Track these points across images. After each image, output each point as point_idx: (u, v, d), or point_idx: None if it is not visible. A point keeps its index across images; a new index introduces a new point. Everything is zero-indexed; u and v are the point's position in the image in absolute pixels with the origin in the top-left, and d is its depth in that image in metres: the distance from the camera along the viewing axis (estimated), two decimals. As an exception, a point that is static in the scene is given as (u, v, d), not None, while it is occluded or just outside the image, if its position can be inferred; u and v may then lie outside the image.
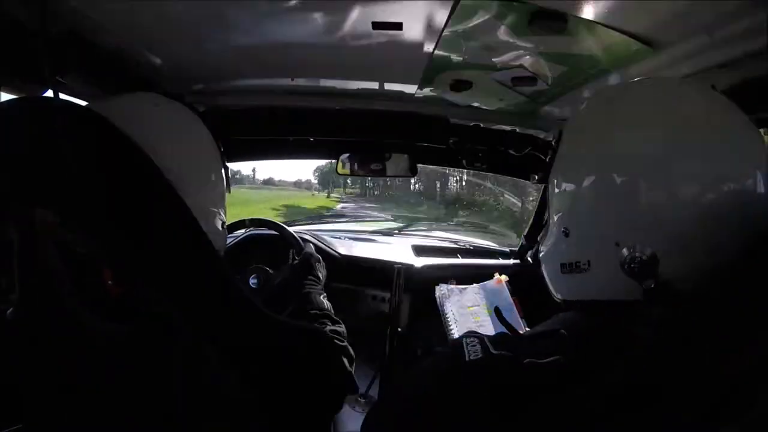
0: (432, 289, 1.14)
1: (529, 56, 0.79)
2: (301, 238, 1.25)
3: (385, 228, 1.77)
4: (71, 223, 0.47)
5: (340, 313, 0.82)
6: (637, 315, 0.45)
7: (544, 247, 0.57)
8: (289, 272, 1.14)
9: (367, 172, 1.34)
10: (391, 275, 1.30)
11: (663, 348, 0.39)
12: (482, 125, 1.21)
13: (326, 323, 0.76)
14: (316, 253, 1.04)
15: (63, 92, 0.77)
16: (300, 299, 0.85)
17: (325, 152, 1.40)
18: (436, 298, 1.15)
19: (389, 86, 1.04)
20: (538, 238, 0.61)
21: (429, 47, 0.77)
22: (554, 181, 0.54)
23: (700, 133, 0.44)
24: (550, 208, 0.55)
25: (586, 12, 0.62)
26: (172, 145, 0.56)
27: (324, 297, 0.87)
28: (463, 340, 0.49)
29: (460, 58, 0.82)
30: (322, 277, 0.97)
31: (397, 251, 1.50)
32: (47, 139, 0.45)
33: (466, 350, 0.47)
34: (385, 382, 1.17)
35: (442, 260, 1.43)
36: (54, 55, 0.58)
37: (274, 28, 0.75)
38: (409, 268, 1.34)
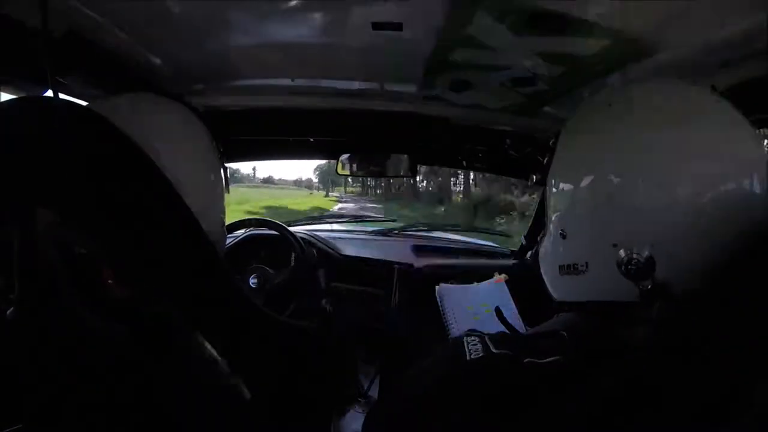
0: (432, 289, 1.14)
1: (529, 56, 0.79)
2: (301, 238, 1.25)
3: (385, 228, 1.76)
4: (71, 223, 0.47)
5: (340, 313, 0.82)
6: (635, 316, 0.45)
7: (543, 249, 0.57)
8: (289, 272, 1.14)
9: (367, 172, 1.34)
10: (391, 275, 1.30)
11: (662, 349, 0.39)
12: (482, 125, 1.21)
13: (326, 323, 0.76)
14: (317, 253, 1.04)
15: (63, 92, 0.77)
16: (300, 299, 0.85)
17: (325, 152, 1.39)
18: (436, 298, 1.15)
19: (389, 86, 1.04)
20: (538, 238, 0.61)
21: (429, 47, 0.77)
22: (552, 183, 0.54)
23: (697, 134, 0.45)
24: (548, 210, 0.55)
25: (585, 12, 0.62)
26: (172, 145, 0.56)
27: (324, 297, 0.87)
28: (464, 338, 0.49)
29: (460, 59, 0.82)
30: (322, 277, 0.97)
31: (397, 251, 1.50)
32: (47, 139, 0.45)
33: (467, 349, 0.47)
34: (385, 382, 1.17)
35: (443, 260, 1.43)
36: (54, 55, 0.58)
37: (274, 28, 0.75)
38: (409, 268, 1.33)
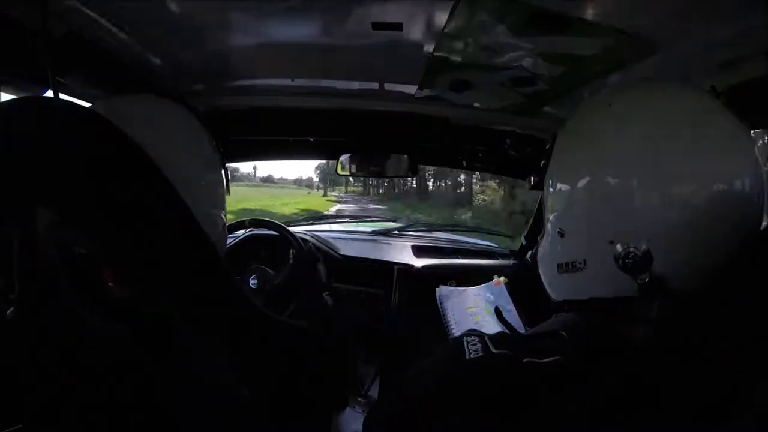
0: (432, 289, 1.14)
1: (529, 56, 0.79)
2: (301, 239, 1.25)
3: (385, 228, 1.76)
4: (71, 223, 0.47)
5: (341, 313, 0.82)
6: (634, 312, 0.45)
7: (541, 249, 0.58)
8: (289, 269, 1.14)
9: (367, 172, 1.34)
10: (391, 276, 1.30)
11: (662, 348, 0.39)
12: (482, 125, 1.21)
13: (326, 323, 0.76)
14: (317, 253, 1.04)
15: (63, 92, 0.77)
16: (300, 299, 0.85)
17: (325, 152, 1.39)
18: (436, 299, 1.15)
19: (389, 86, 1.04)
20: (538, 238, 0.61)
21: (429, 47, 0.77)
22: (549, 183, 0.55)
23: (693, 134, 0.45)
24: (546, 210, 0.56)
25: (585, 12, 0.62)
26: (173, 146, 0.56)
27: (324, 297, 0.87)
28: (464, 338, 0.49)
29: (460, 58, 0.82)
30: (322, 277, 0.97)
31: (397, 251, 1.50)
32: (47, 139, 0.45)
33: (466, 348, 0.47)
34: (385, 382, 1.17)
35: (442, 260, 1.43)
36: (54, 55, 0.58)
37: (274, 28, 0.75)
38: (409, 268, 1.33)
